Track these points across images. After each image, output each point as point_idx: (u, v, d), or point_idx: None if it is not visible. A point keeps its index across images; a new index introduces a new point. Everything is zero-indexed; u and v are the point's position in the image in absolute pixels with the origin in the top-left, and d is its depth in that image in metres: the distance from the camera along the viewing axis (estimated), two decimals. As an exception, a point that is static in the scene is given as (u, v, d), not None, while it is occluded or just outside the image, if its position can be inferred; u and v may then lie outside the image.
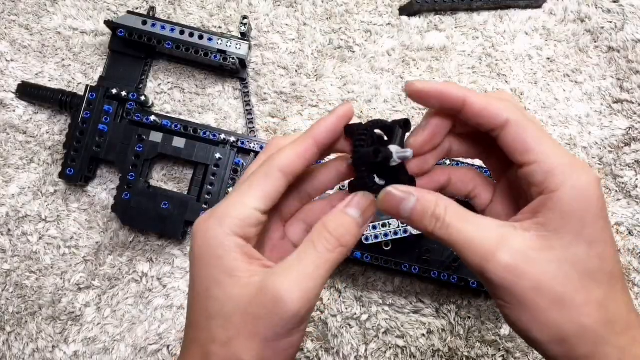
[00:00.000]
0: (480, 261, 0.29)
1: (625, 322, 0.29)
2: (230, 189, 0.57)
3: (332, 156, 0.37)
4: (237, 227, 0.31)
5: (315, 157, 0.33)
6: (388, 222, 0.46)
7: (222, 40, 0.59)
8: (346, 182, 0.36)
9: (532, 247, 0.29)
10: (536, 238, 0.29)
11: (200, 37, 0.58)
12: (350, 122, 0.34)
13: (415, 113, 0.62)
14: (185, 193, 0.60)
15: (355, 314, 0.59)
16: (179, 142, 0.59)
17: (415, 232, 0.51)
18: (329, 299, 0.59)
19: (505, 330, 0.58)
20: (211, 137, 0.58)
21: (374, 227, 0.50)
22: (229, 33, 0.62)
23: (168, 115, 0.61)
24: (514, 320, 0.30)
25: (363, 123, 0.34)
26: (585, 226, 0.28)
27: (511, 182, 0.35)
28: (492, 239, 0.29)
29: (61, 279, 0.60)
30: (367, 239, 0.54)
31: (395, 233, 0.42)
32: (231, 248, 0.30)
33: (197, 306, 0.31)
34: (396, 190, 0.31)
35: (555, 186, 0.28)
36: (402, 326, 0.59)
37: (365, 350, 0.58)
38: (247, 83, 0.62)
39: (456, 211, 0.31)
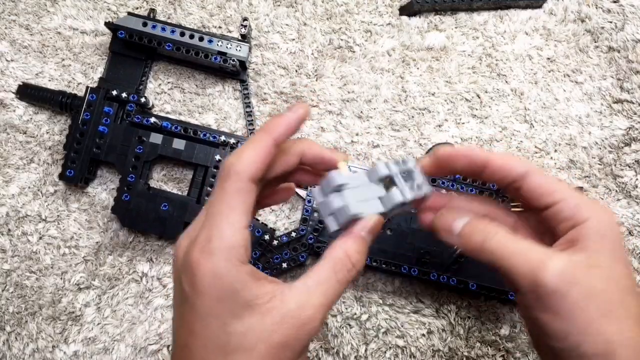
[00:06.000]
0: (533, 269, 0.31)
1: None
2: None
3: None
4: (242, 255, 0.30)
5: (273, 156, 0.33)
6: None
7: (222, 42, 0.59)
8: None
9: (581, 263, 0.31)
10: (583, 258, 0.31)
11: (201, 39, 0.58)
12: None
13: (416, 113, 0.61)
14: (185, 194, 0.60)
15: (355, 314, 0.59)
16: (179, 143, 0.59)
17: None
18: (328, 299, 0.59)
19: (505, 330, 0.58)
20: (211, 138, 0.58)
21: None
22: (229, 34, 0.62)
23: (168, 115, 0.61)
24: (563, 333, 0.31)
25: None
26: (617, 249, 0.31)
27: (530, 223, 0.38)
28: (544, 251, 0.32)
29: (61, 279, 0.60)
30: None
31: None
32: (245, 279, 0.30)
33: (210, 344, 0.30)
34: (451, 212, 0.36)
35: (586, 216, 0.32)
36: (402, 326, 0.59)
37: (365, 350, 0.58)
38: (247, 85, 0.62)
39: (506, 231, 0.33)
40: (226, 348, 0.29)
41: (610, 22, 0.62)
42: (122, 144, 0.59)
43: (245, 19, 0.59)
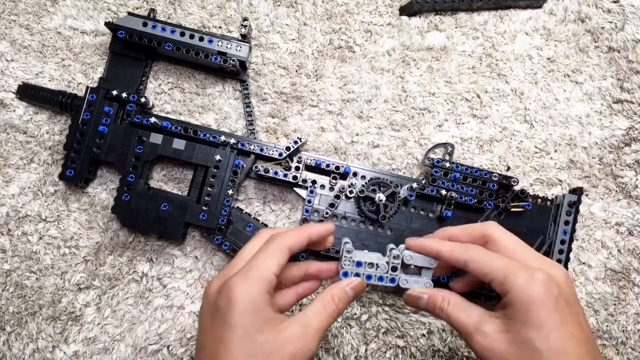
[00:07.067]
0: (466, 339, 0.42)
1: None
2: (230, 191, 0.58)
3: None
4: (268, 288, 0.41)
5: (304, 247, 0.46)
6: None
7: (222, 42, 0.59)
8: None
9: (498, 330, 0.40)
10: (502, 324, 0.40)
11: (201, 39, 0.58)
12: None
13: (416, 113, 0.62)
14: (185, 194, 0.60)
15: (355, 314, 0.59)
16: (179, 143, 0.59)
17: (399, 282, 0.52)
18: (329, 299, 0.59)
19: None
20: (211, 139, 0.58)
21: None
22: (229, 34, 0.62)
23: (168, 115, 0.61)
24: None
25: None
26: (529, 315, 0.38)
27: None
28: (474, 324, 0.41)
29: (61, 279, 0.60)
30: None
31: (381, 278, 0.48)
32: (268, 302, 0.41)
33: (236, 349, 0.39)
34: (414, 292, 0.46)
35: (506, 289, 0.40)
36: (402, 326, 0.59)
37: (365, 350, 0.58)
38: (247, 85, 0.62)
39: (455, 302, 0.44)
40: (250, 351, 0.39)
41: (610, 22, 0.62)
42: (122, 144, 0.59)
43: (245, 19, 0.59)
